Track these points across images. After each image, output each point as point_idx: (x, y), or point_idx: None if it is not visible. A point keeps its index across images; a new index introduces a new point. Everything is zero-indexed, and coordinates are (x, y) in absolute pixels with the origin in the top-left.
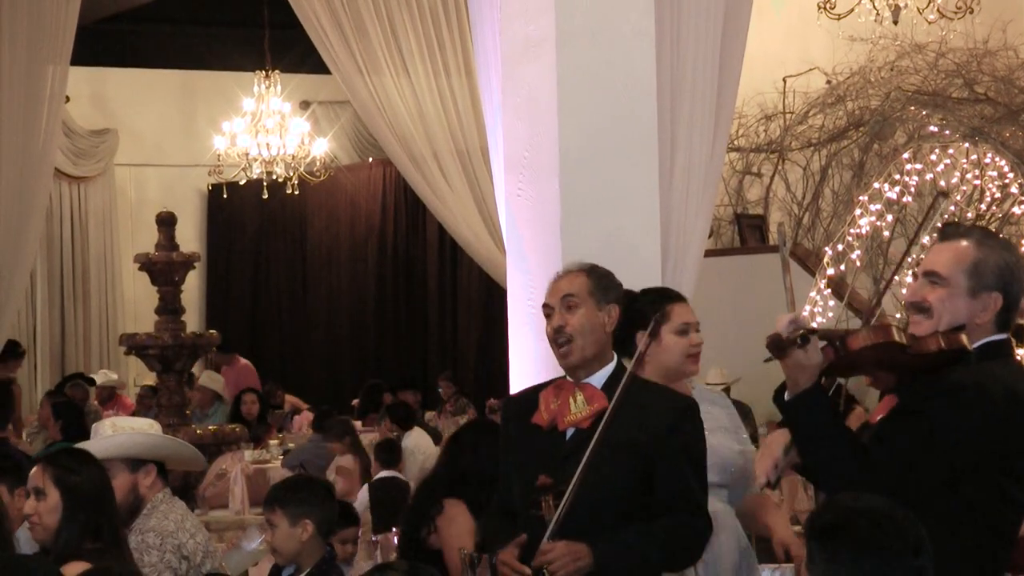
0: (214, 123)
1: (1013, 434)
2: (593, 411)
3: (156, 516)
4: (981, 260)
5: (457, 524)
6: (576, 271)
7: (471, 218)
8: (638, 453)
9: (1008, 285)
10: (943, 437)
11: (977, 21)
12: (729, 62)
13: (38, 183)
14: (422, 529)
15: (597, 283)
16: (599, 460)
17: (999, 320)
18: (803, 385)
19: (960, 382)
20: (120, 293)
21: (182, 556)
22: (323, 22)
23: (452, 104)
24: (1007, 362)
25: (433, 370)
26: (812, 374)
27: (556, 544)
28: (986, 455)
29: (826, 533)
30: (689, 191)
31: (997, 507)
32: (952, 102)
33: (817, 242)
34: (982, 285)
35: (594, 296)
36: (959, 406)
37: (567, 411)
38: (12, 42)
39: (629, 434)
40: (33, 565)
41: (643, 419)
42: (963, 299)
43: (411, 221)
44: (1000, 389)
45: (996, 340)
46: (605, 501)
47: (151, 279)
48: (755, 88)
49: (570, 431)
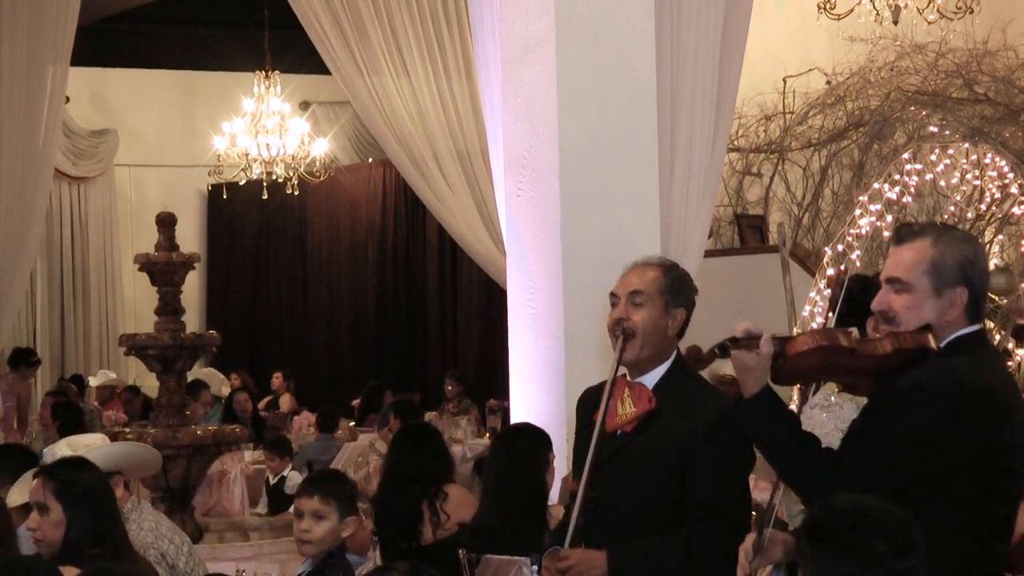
0: (214, 123)
1: (978, 426)
2: (637, 414)
3: (131, 528)
4: (939, 258)
5: (467, 500)
6: (653, 265)
7: (471, 219)
8: (673, 459)
9: (971, 277)
10: (900, 439)
11: (977, 21)
12: (729, 63)
13: (38, 183)
14: (417, 529)
15: (671, 284)
16: (634, 465)
17: (969, 313)
18: (751, 389)
19: (915, 382)
20: (120, 293)
21: (168, 565)
22: (323, 23)
23: (452, 105)
24: (975, 355)
25: (433, 370)
26: (758, 377)
27: (573, 551)
28: (951, 452)
29: (812, 533)
30: (689, 191)
31: (982, 500)
32: (952, 102)
33: (817, 242)
34: (944, 282)
35: (664, 296)
36: (913, 407)
37: (615, 412)
38: (12, 42)
39: (666, 439)
40: (33, 565)
41: (682, 424)
42: (928, 300)
43: (411, 221)
44: (957, 384)
45: (966, 333)
46: (637, 507)
47: (151, 279)
48: (755, 88)
49: (619, 432)
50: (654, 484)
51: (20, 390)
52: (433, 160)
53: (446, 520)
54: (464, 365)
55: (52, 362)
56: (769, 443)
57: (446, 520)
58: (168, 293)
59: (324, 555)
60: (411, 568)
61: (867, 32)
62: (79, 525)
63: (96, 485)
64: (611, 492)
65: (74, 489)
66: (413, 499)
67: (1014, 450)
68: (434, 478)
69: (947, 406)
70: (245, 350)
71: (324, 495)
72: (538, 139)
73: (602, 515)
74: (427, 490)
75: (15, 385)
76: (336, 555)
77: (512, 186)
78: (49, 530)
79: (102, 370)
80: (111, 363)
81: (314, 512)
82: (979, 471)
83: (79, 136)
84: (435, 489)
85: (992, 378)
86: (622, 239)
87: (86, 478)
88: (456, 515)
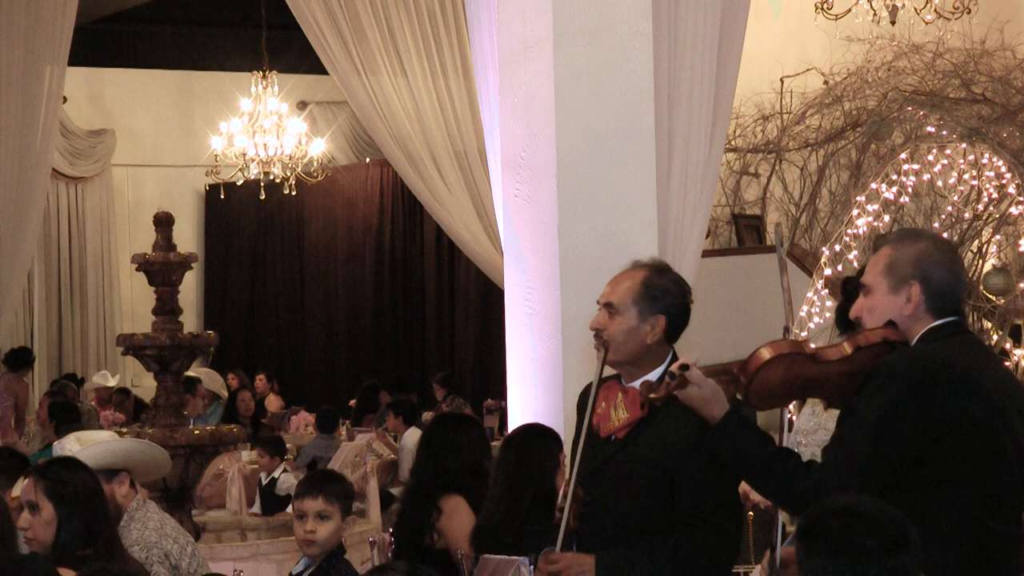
0: (211, 123)
1: (941, 400)
2: (628, 421)
3: (135, 527)
4: (895, 257)
5: (459, 517)
6: (632, 272)
7: (468, 219)
8: (662, 468)
9: (926, 270)
10: (870, 423)
11: (974, 21)
12: (726, 63)
13: (35, 183)
14: (424, 536)
15: (646, 292)
16: (625, 471)
17: (933, 306)
18: (718, 416)
19: (877, 367)
20: (117, 293)
21: (171, 565)
22: (320, 22)
23: (450, 105)
24: (949, 341)
25: (430, 370)
26: (718, 403)
27: (563, 555)
28: (919, 428)
29: (805, 533)
30: (686, 191)
31: (965, 476)
32: (949, 102)
33: (814, 242)
34: (899, 279)
35: (639, 305)
36: (877, 389)
37: (608, 417)
38: (10, 42)
39: (654, 449)
40: (33, 566)
41: (670, 434)
42: (885, 299)
43: (408, 221)
44: (919, 361)
45: (936, 326)
46: (628, 514)
47: (148, 279)
48: (752, 88)
49: (612, 437)
50: (645, 491)
51: (18, 389)
52: (430, 160)
53: (438, 539)
54: (461, 365)
55: (49, 362)
56: (744, 463)
57: (438, 539)
58: (165, 293)
59: (325, 555)
60: (409, 568)
61: (864, 32)
62: (69, 525)
63: (87, 485)
64: (603, 497)
65: (64, 488)
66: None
67: (987, 427)
68: (448, 480)
69: (908, 382)
70: (242, 350)
71: (328, 496)
72: (535, 139)
73: (594, 519)
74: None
75: (12, 384)
76: (337, 555)
77: (509, 186)
78: (40, 529)
79: (103, 371)
80: (108, 363)
81: (319, 512)
82: (951, 446)
83: (76, 136)
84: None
85: (957, 355)
86: (619, 239)
87: (77, 478)
88: (449, 532)
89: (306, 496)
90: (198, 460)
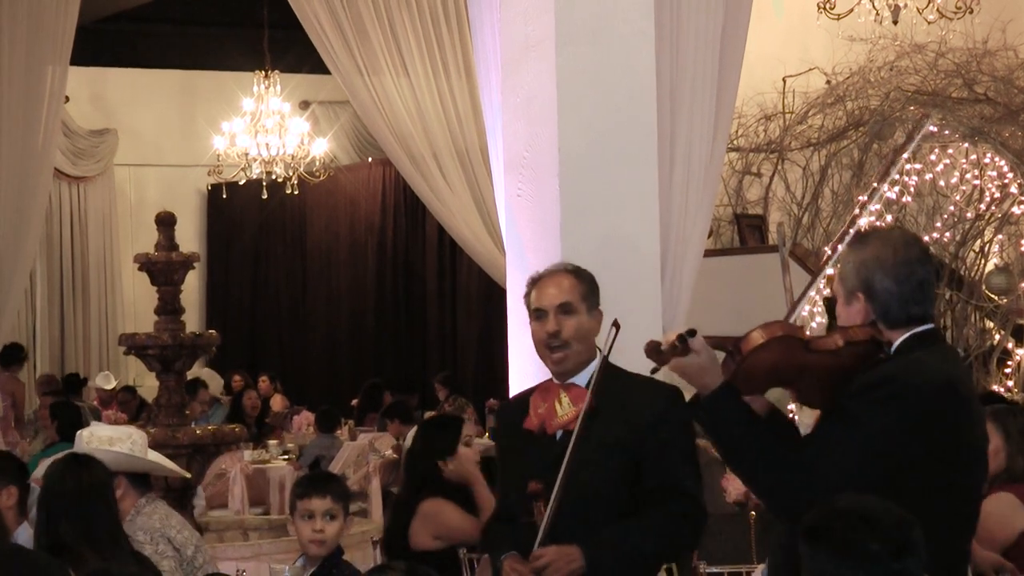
0: (214, 123)
1: (941, 422)
2: (578, 411)
3: (141, 518)
4: (845, 268)
5: (444, 518)
6: (564, 274)
7: (471, 218)
8: (624, 450)
9: (868, 279)
10: (870, 434)
11: (977, 21)
12: (729, 62)
13: (37, 183)
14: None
15: (588, 288)
16: (585, 460)
17: (882, 316)
18: (711, 386)
19: (884, 376)
20: (119, 293)
21: (174, 548)
22: (323, 22)
23: (452, 104)
24: (933, 350)
25: (432, 369)
26: (713, 375)
27: (547, 549)
28: (910, 448)
29: (810, 534)
30: (689, 191)
31: (941, 497)
32: (952, 102)
33: (816, 242)
34: (848, 289)
35: (586, 302)
36: (879, 402)
37: (554, 414)
38: (12, 42)
39: (614, 431)
40: (45, 563)
41: (627, 415)
42: (844, 310)
43: (411, 221)
44: (929, 379)
45: (918, 333)
46: (594, 500)
47: (150, 279)
48: (755, 88)
49: (559, 433)
50: (608, 476)
51: (14, 388)
52: (433, 159)
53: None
54: (463, 365)
55: (52, 361)
56: (728, 437)
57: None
58: (168, 293)
59: (326, 555)
60: (408, 567)
61: (867, 32)
62: (70, 523)
63: (96, 482)
64: (569, 490)
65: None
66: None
67: (967, 447)
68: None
69: (916, 401)
70: (244, 349)
71: (335, 495)
72: (538, 139)
73: (563, 512)
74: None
75: (9, 383)
76: (338, 555)
77: (512, 186)
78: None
79: (105, 372)
80: (111, 363)
81: (327, 512)
82: (934, 468)
83: (79, 136)
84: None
85: (958, 372)
86: (622, 239)
87: (84, 476)
88: (419, 538)
89: (314, 496)
90: (200, 460)
